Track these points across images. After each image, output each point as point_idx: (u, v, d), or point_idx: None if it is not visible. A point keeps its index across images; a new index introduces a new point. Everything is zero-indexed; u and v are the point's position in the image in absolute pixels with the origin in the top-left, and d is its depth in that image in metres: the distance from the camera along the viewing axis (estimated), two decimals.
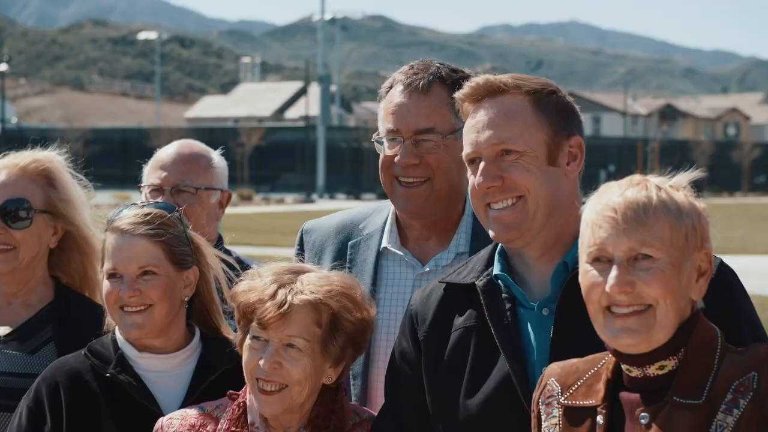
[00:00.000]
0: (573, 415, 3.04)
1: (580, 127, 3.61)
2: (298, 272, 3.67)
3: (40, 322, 4.38)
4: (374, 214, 4.34)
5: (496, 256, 3.57)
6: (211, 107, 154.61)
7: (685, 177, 3.02)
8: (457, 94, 3.59)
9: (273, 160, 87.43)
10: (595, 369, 3.08)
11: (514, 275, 3.54)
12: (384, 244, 4.22)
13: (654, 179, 3.00)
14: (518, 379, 3.38)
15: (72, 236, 4.49)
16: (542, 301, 3.48)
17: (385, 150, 4.13)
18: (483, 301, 3.51)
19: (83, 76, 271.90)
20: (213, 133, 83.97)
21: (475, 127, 3.50)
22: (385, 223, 4.26)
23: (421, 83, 4.08)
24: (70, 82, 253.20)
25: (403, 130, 4.07)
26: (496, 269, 3.54)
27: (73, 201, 4.50)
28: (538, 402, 3.16)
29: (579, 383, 3.08)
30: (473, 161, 3.52)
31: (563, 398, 3.08)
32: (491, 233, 3.55)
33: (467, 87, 3.55)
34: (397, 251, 4.19)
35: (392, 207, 4.25)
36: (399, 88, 4.12)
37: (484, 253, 3.65)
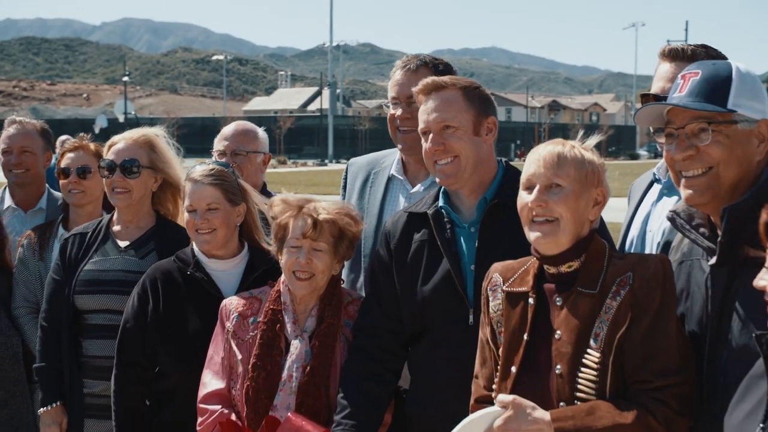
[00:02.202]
0: (512, 298, 2.98)
1: (494, 111, 3.56)
2: (310, 201, 3.64)
3: (147, 239, 4.35)
4: (390, 155, 4.29)
5: (441, 194, 3.54)
6: (259, 104, 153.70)
7: (592, 141, 2.97)
8: (414, 89, 3.57)
9: (299, 137, 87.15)
10: (525, 267, 3.02)
11: (452, 206, 3.51)
12: (392, 172, 4.18)
13: (570, 141, 2.97)
14: (455, 273, 3.38)
15: (167, 183, 4.44)
16: (470, 223, 3.46)
17: (390, 110, 4.10)
18: (432, 223, 3.48)
19: (176, 84, 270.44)
20: (260, 120, 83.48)
21: (426, 111, 3.47)
22: (394, 160, 4.22)
23: (412, 66, 4.05)
24: (168, 88, 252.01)
25: (400, 97, 4.04)
26: (440, 202, 3.51)
27: (168, 160, 4.45)
28: (486, 290, 3.10)
29: (515, 276, 3.02)
30: (425, 134, 3.49)
31: (504, 286, 3.02)
32: (437, 180, 3.53)
33: (421, 85, 3.51)
34: (400, 177, 4.15)
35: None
36: (398, 70, 4.09)
37: (432, 192, 3.62)
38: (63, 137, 10.07)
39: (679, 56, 3.65)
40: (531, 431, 2.68)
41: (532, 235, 2.92)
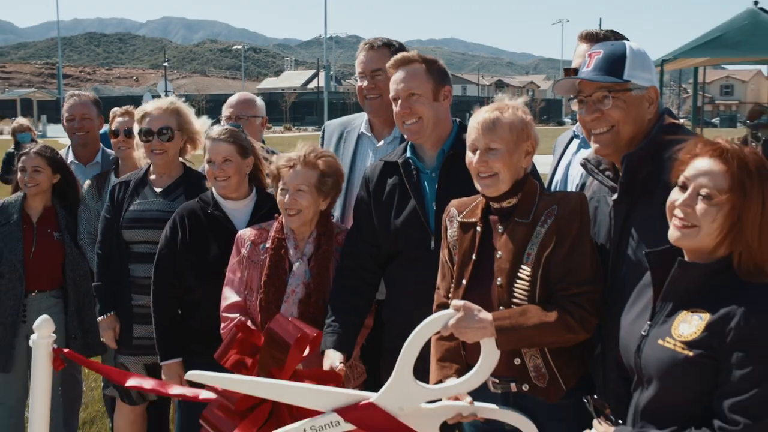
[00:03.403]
0: (464, 226, 2.96)
1: (450, 81, 3.51)
2: (299, 153, 3.58)
3: (177, 185, 4.29)
4: (358, 118, 4.19)
5: (408, 147, 3.50)
6: (270, 83, 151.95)
7: (521, 100, 2.94)
8: (387, 64, 3.50)
9: (301, 109, 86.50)
10: (475, 202, 2.99)
11: (417, 156, 3.47)
12: (361, 130, 4.10)
13: (504, 102, 2.92)
14: (420, 209, 3.36)
15: (193, 141, 4.39)
16: (432, 169, 3.42)
17: (359, 83, 4.01)
18: (402, 170, 3.45)
19: (206, 69, 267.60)
20: (271, 96, 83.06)
21: (396, 81, 3.42)
22: (363, 121, 4.13)
23: (374, 45, 3.96)
24: (198, 71, 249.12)
25: (365, 71, 3.95)
26: (408, 154, 3.47)
27: (190, 121, 4.37)
28: (445, 220, 3.07)
29: (467, 210, 2.99)
30: (395, 99, 3.44)
31: (459, 218, 2.99)
32: (405, 136, 3.49)
33: (393, 60, 3.45)
34: (367, 133, 4.07)
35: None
36: (362, 51, 4.00)
37: (402, 145, 3.58)
38: (114, 109, 10.05)
39: (593, 38, 3.64)
40: (477, 328, 2.69)
41: (479, 186, 2.91)
